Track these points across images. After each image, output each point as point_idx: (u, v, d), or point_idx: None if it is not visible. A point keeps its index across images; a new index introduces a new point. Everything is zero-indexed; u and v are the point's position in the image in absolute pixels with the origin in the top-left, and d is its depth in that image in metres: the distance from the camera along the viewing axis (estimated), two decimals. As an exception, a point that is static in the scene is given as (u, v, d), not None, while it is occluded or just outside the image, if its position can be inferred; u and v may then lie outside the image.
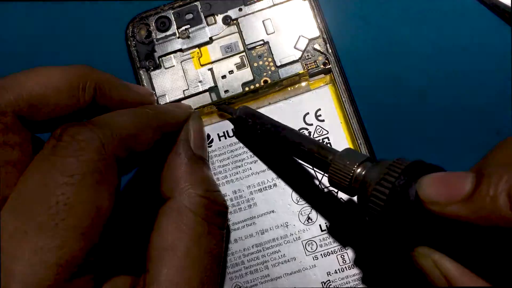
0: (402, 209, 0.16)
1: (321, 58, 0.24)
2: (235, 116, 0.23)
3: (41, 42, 0.27)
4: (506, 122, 0.24)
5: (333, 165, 0.19)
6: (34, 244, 0.16)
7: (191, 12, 0.25)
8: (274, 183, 0.24)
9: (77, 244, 0.16)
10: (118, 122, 0.18)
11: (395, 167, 0.17)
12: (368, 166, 0.19)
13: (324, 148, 0.20)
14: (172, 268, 0.18)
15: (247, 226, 0.23)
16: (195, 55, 0.25)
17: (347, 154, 0.19)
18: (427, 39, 0.25)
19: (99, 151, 0.17)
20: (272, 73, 0.25)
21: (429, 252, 0.16)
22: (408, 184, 0.16)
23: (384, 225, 0.17)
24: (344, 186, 0.19)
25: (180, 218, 0.19)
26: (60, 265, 0.16)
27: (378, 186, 0.17)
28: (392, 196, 0.17)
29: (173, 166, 0.20)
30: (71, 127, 0.17)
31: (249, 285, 0.23)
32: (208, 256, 0.19)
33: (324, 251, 0.23)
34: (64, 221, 0.16)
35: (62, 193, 0.16)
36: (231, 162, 0.24)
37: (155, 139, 0.20)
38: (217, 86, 0.25)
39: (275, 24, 0.25)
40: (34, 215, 0.16)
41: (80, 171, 0.17)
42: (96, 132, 0.17)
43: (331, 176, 0.19)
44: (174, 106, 0.24)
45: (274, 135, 0.22)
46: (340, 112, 0.24)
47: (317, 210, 0.23)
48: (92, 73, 0.20)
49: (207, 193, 0.20)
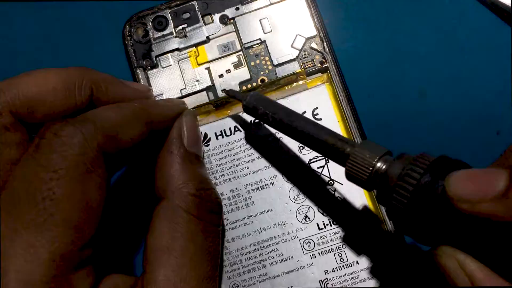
0: (427, 207, 0.16)
1: (318, 57, 0.24)
2: (245, 102, 0.22)
3: (38, 42, 0.27)
4: (506, 122, 0.24)
5: (351, 158, 0.18)
6: (25, 241, 0.16)
7: (188, 11, 0.25)
8: (272, 181, 0.24)
9: (69, 238, 0.16)
10: (102, 116, 0.19)
11: (420, 162, 0.16)
12: (389, 160, 0.18)
13: (342, 140, 0.19)
14: (169, 268, 0.18)
15: (244, 225, 0.23)
16: (192, 54, 0.25)
17: (367, 146, 0.18)
18: (426, 39, 0.25)
19: (82, 145, 0.17)
20: (269, 72, 0.25)
21: (453, 252, 0.16)
22: (434, 181, 0.16)
23: (406, 223, 0.17)
24: (362, 180, 0.18)
25: (174, 218, 0.19)
26: (54, 260, 0.16)
27: (401, 182, 0.16)
28: (416, 193, 0.16)
29: (166, 164, 0.20)
30: (53, 124, 0.18)
31: (247, 284, 0.23)
32: (204, 253, 0.19)
33: (322, 250, 0.23)
34: (53, 216, 0.16)
35: (47, 188, 0.16)
36: (228, 161, 0.24)
37: (143, 134, 0.20)
38: (214, 85, 0.25)
39: (272, 23, 0.25)
40: (22, 213, 0.16)
41: (64, 165, 0.17)
42: (78, 127, 0.17)
43: (349, 169, 0.18)
44: (165, 101, 0.24)
45: (287, 124, 0.21)
46: (337, 110, 0.24)
47: (314, 209, 0.23)
48: (88, 73, 0.20)
49: (199, 192, 0.20)
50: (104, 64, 0.24)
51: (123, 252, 0.25)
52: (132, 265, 0.25)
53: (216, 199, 0.21)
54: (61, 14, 0.27)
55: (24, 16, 0.27)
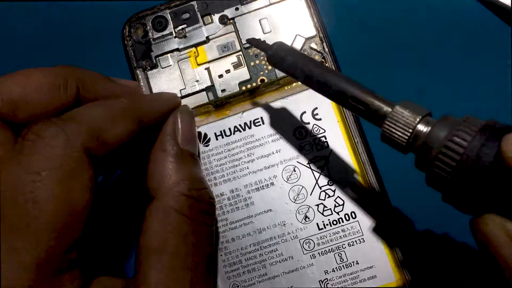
0: (477, 174, 0.15)
1: (318, 57, 0.24)
2: (272, 52, 0.20)
3: (38, 42, 0.27)
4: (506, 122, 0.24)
5: (389, 118, 0.17)
6: (9, 246, 0.16)
7: (188, 11, 0.25)
8: (271, 182, 0.24)
9: (53, 242, 0.16)
10: (86, 114, 0.18)
11: (468, 125, 0.15)
12: (432, 122, 0.16)
13: (379, 98, 0.18)
14: (160, 270, 0.18)
15: (244, 225, 0.23)
16: (192, 54, 0.25)
17: (407, 106, 0.17)
18: (426, 38, 0.25)
19: (65, 146, 0.17)
20: (269, 72, 0.25)
21: (501, 221, 0.15)
22: (485, 145, 0.15)
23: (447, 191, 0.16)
24: (400, 143, 0.17)
25: (165, 219, 0.19)
26: (38, 264, 0.16)
27: (450, 143, 0.15)
28: (465, 160, 0.15)
29: (158, 163, 0.20)
30: (35, 124, 0.17)
31: (246, 284, 0.23)
32: (198, 255, 0.19)
33: (322, 250, 0.23)
34: (36, 219, 0.16)
35: (30, 191, 0.16)
36: (228, 161, 0.24)
37: (132, 132, 0.19)
38: (214, 85, 0.25)
39: (272, 23, 0.25)
40: (5, 216, 0.16)
41: (47, 167, 0.16)
42: (61, 126, 0.17)
43: (386, 131, 0.17)
44: (156, 95, 0.23)
45: (317, 78, 0.19)
46: (337, 111, 0.24)
47: (314, 209, 0.23)
48: (74, 71, 0.20)
49: (191, 192, 0.19)
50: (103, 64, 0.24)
51: (115, 253, 0.24)
52: (124, 267, 0.24)
53: (209, 199, 0.20)
54: (61, 14, 0.27)
55: (24, 16, 0.27)
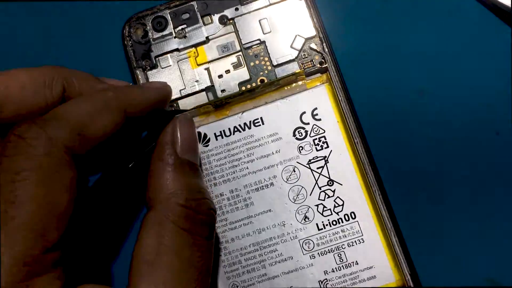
0: None
1: (318, 57, 0.24)
2: None
3: (38, 42, 0.27)
4: (506, 122, 0.24)
5: None
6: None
7: (188, 11, 0.25)
8: (271, 182, 0.24)
9: (31, 242, 0.16)
10: (68, 111, 0.18)
11: None
12: None
13: None
14: (152, 284, 0.17)
15: (244, 225, 0.24)
16: (192, 54, 0.25)
17: None
18: (426, 39, 0.25)
19: (46, 146, 0.17)
20: (268, 73, 0.25)
21: None
22: None
23: None
24: None
25: (161, 230, 0.18)
26: (16, 265, 0.15)
27: None
28: None
29: (156, 172, 0.19)
30: (18, 126, 0.17)
31: (246, 284, 0.23)
32: (193, 269, 0.18)
33: (321, 250, 0.23)
34: (15, 219, 0.16)
35: (9, 191, 0.16)
36: (228, 162, 0.24)
37: (115, 123, 0.18)
38: (213, 85, 0.25)
39: (272, 23, 0.25)
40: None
41: (27, 167, 0.16)
42: (43, 126, 0.17)
43: None
44: (143, 84, 0.23)
45: None
46: (336, 111, 0.24)
47: (313, 209, 0.23)
48: (60, 71, 0.20)
49: (189, 202, 0.19)
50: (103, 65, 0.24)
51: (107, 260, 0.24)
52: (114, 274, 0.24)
53: (209, 210, 0.19)
54: (61, 14, 0.27)
55: (24, 16, 0.27)
